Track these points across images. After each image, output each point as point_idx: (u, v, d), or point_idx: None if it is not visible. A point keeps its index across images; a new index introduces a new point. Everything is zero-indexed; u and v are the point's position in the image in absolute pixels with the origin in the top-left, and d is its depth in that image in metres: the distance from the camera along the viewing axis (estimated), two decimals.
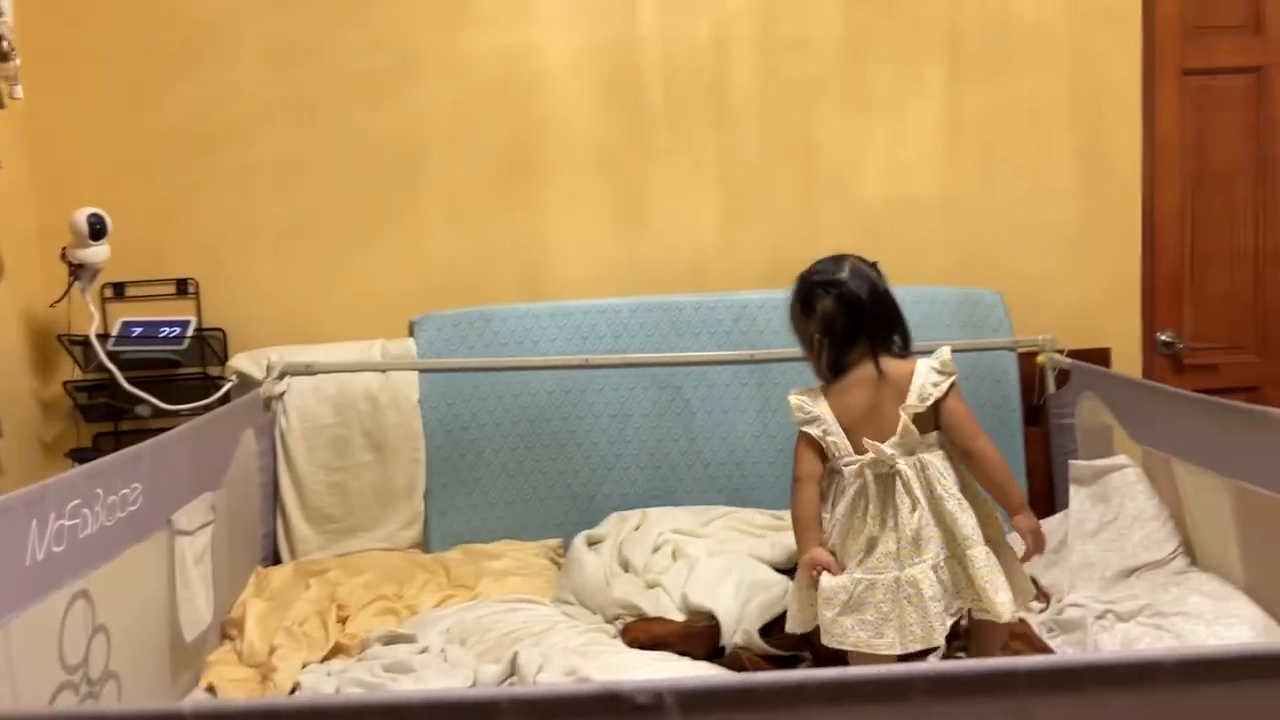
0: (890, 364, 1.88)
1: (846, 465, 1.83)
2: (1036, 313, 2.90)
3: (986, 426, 2.72)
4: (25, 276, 2.67)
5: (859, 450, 1.82)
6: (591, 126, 2.94)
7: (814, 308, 1.88)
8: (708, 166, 2.96)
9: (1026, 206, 2.99)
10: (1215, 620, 1.89)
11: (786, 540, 2.35)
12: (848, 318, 1.86)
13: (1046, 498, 2.79)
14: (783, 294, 2.77)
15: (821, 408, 1.87)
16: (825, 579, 1.78)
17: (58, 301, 2.62)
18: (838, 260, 1.92)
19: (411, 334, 2.80)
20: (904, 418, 1.81)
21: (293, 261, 2.90)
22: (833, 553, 1.82)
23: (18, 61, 2.28)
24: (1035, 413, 2.85)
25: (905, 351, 1.92)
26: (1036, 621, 2.11)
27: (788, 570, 2.28)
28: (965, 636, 2.04)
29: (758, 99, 2.95)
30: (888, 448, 1.80)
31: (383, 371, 2.74)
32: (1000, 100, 2.96)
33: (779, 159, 2.96)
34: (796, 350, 2.73)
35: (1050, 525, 2.50)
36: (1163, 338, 3.04)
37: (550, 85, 2.92)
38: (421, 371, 2.75)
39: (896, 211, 2.97)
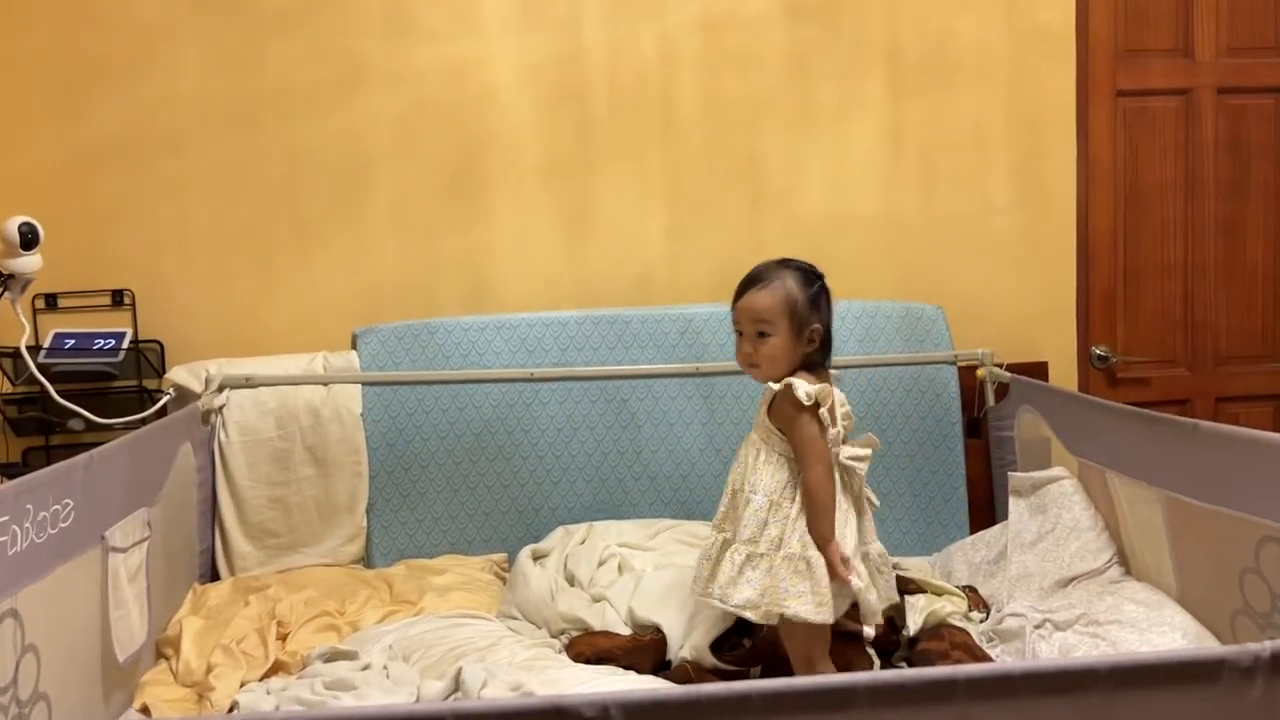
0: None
1: (848, 457, 1.90)
2: (976, 327, 2.96)
3: (927, 439, 2.82)
4: None
5: None
6: (537, 139, 2.94)
7: (820, 302, 1.92)
8: (654, 180, 2.98)
9: (966, 222, 3.05)
10: (1149, 628, 1.94)
11: None
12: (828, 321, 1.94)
13: (986, 508, 2.84)
14: (727, 308, 2.82)
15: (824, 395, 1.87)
16: (855, 580, 1.83)
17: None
18: (810, 265, 1.99)
19: (354, 346, 2.77)
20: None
21: (232, 272, 2.85)
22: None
23: None
24: (975, 425, 2.90)
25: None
26: (976, 631, 2.14)
27: None
28: (906, 648, 2.07)
29: (703, 114, 2.98)
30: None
31: (325, 384, 2.70)
32: (940, 117, 3.02)
33: (724, 173, 2.99)
34: None
35: (989, 536, 2.55)
36: (1097, 352, 3.12)
37: (496, 97, 2.92)
38: (364, 384, 2.72)
39: (839, 226, 3.01)
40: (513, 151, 2.93)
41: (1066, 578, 2.26)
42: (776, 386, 1.87)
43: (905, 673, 0.78)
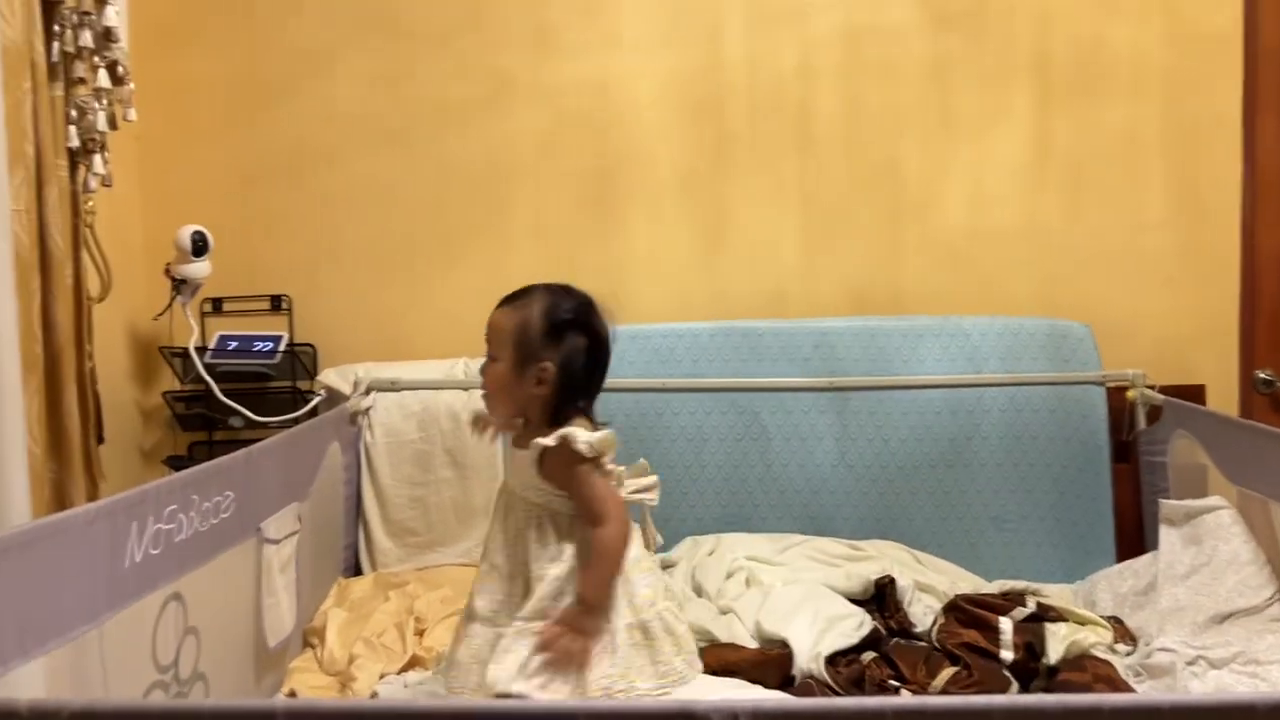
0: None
1: (634, 491, 1.71)
2: (1125, 347, 2.83)
3: (1072, 462, 2.71)
4: (131, 290, 2.79)
5: None
6: (674, 152, 2.97)
7: (565, 338, 1.64)
8: (790, 192, 2.96)
9: (1116, 237, 2.92)
10: None
11: (863, 570, 2.33)
12: (588, 365, 1.65)
13: (1135, 536, 2.71)
14: (865, 321, 2.79)
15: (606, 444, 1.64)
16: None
17: (160, 315, 2.74)
18: (585, 297, 1.72)
19: None
20: None
21: (381, 280, 2.98)
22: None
23: (131, 86, 2.40)
24: (1124, 449, 2.77)
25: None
26: (1122, 665, 2.04)
27: (863, 601, 2.26)
28: (1045, 677, 2.00)
29: (841, 125, 2.95)
30: None
31: (465, 389, 2.79)
32: (1090, 127, 2.91)
33: (862, 185, 2.96)
34: (878, 379, 2.74)
35: (1138, 566, 2.43)
36: (1262, 376, 2.93)
37: (634, 112, 2.96)
38: None
39: (981, 239, 2.93)
40: (649, 164, 2.97)
41: (1223, 613, 2.13)
42: (548, 442, 1.59)
43: (1046, 697, 0.76)
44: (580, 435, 1.58)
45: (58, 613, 1.39)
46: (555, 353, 1.61)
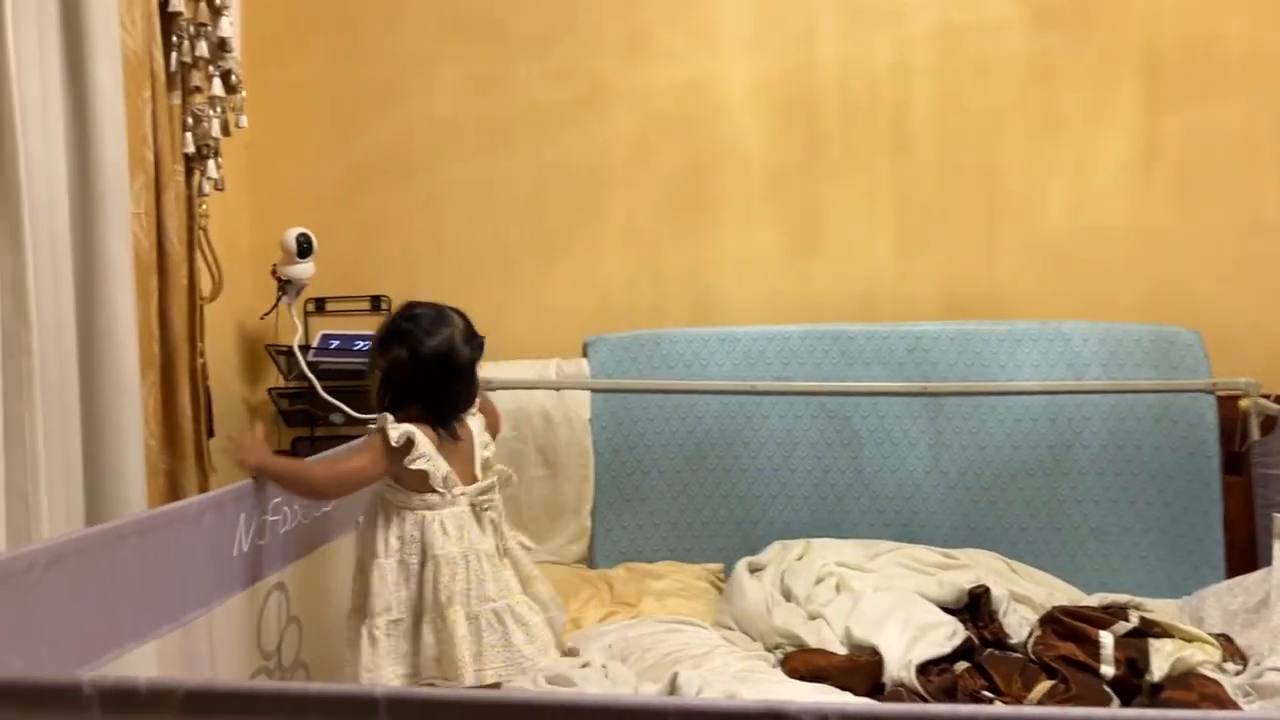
0: None
1: (475, 493, 1.80)
2: (1237, 354, 2.71)
3: (1179, 473, 2.61)
4: (240, 290, 2.90)
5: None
6: (766, 154, 2.96)
7: (389, 346, 1.76)
8: (884, 194, 2.93)
9: (1229, 240, 2.80)
10: None
11: (956, 579, 2.29)
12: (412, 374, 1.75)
13: (1246, 551, 2.59)
14: (961, 325, 2.74)
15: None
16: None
17: (267, 314, 2.84)
18: (440, 314, 1.80)
19: (585, 354, 2.88)
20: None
21: (477, 281, 3.04)
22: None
23: (243, 94, 2.50)
24: (1235, 461, 2.65)
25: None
26: (1231, 684, 1.96)
27: (956, 611, 2.22)
28: (1148, 694, 1.93)
29: (937, 125, 2.90)
30: None
31: (557, 390, 2.83)
32: (1202, 126, 2.80)
33: (958, 187, 2.90)
34: (973, 384, 2.68)
35: (1249, 582, 2.33)
36: None
37: (727, 114, 2.96)
38: (593, 391, 2.82)
39: (1083, 242, 2.85)
40: (741, 166, 2.96)
41: None
42: (371, 426, 1.74)
43: (1146, 712, 0.74)
44: (394, 427, 1.71)
45: (170, 598, 1.45)
46: (383, 360, 1.77)
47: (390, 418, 1.71)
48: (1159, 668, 1.95)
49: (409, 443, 1.69)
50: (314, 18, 3.05)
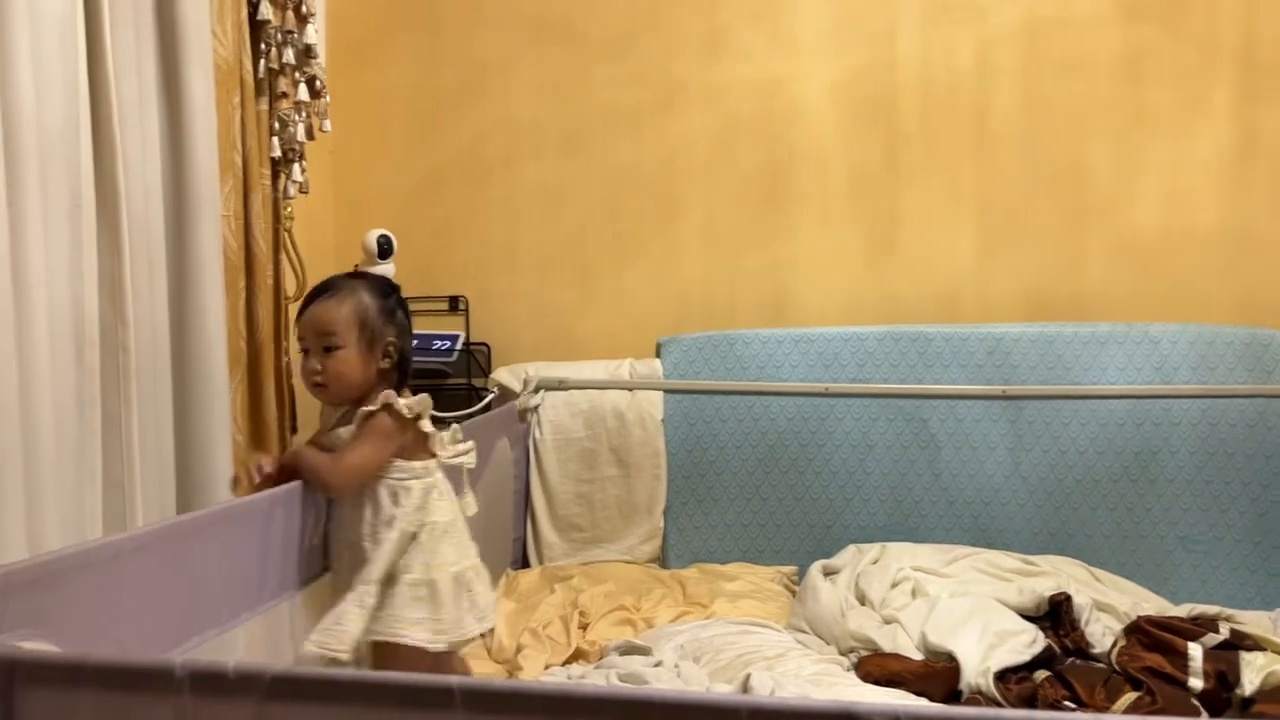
0: None
1: (451, 457, 1.74)
2: None
3: (1273, 480, 2.52)
4: None
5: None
6: (845, 153, 2.93)
7: (396, 315, 1.70)
8: (965, 193, 2.88)
9: None
10: None
11: (1037, 586, 2.24)
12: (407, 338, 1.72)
13: None
14: (1044, 327, 2.68)
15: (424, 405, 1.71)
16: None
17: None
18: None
19: (658, 355, 2.89)
20: None
21: (553, 283, 3.07)
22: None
23: (327, 99, 2.56)
24: None
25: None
26: None
27: (1036, 618, 2.17)
28: (1239, 709, 1.87)
29: (1021, 123, 2.84)
30: None
31: (630, 390, 2.84)
32: None
33: (1043, 185, 2.84)
34: (1056, 387, 2.62)
35: None
36: None
37: (805, 114, 2.94)
38: (666, 391, 2.83)
39: (1174, 242, 2.76)
40: (819, 166, 2.94)
41: None
42: (372, 407, 1.63)
43: None
44: (399, 399, 1.64)
45: (251, 586, 1.50)
46: (394, 329, 1.69)
47: (392, 393, 1.65)
48: (1250, 682, 1.88)
49: (418, 409, 1.66)
50: (396, 23, 3.12)
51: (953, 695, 1.96)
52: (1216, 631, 2.04)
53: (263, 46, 2.33)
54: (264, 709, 0.78)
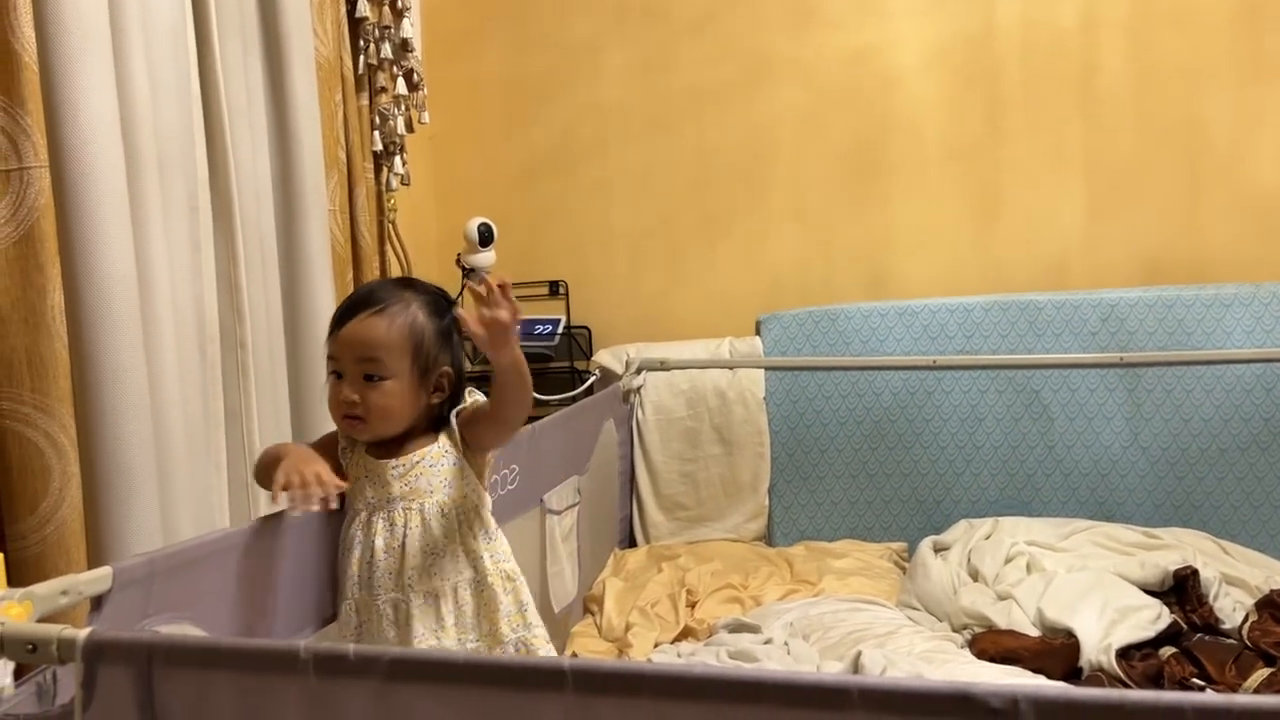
0: None
1: None
2: None
3: None
4: (428, 278, 3.03)
5: None
6: (942, 120, 2.85)
7: (453, 337, 1.44)
8: (1071, 157, 2.77)
9: None
10: None
11: (1160, 560, 2.17)
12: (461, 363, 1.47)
13: None
14: (1161, 291, 2.57)
15: None
16: None
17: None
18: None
19: (758, 332, 2.87)
20: None
21: (648, 264, 3.08)
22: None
23: (425, 91, 2.61)
24: None
25: None
26: None
27: (1160, 594, 2.10)
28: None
29: (1130, 80, 2.72)
30: None
31: (730, 368, 2.83)
32: None
33: (1155, 145, 2.71)
34: (1176, 353, 2.52)
35: None
36: None
37: (900, 81, 2.87)
38: (767, 369, 2.81)
39: None
40: (915, 135, 2.87)
41: None
42: (464, 403, 1.45)
43: None
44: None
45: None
46: (449, 355, 1.43)
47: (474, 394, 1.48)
48: None
49: None
50: (487, 14, 3.15)
51: (1072, 673, 1.91)
52: None
53: (361, 43, 2.39)
54: (384, 689, 0.81)
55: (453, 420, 1.44)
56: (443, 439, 1.43)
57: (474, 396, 1.48)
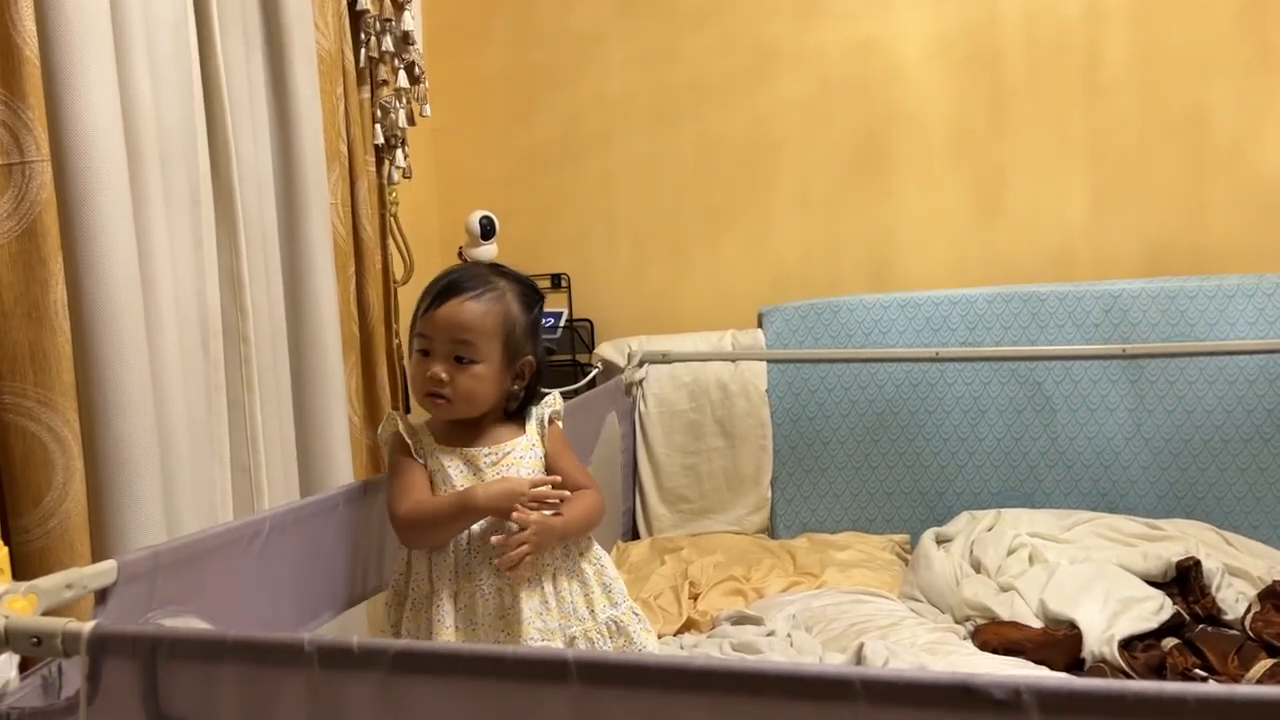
0: None
1: None
2: None
3: None
4: (430, 272, 3.00)
5: None
6: (946, 111, 2.85)
7: (539, 331, 1.49)
8: (1076, 146, 2.77)
9: None
10: None
11: (1163, 551, 2.16)
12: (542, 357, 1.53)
13: None
14: (1164, 282, 2.57)
15: None
16: None
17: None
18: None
19: (760, 325, 2.87)
20: None
21: (650, 256, 3.08)
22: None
23: (426, 84, 2.60)
24: None
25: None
26: None
27: (1163, 585, 2.10)
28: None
29: (1135, 70, 2.71)
30: None
31: (733, 361, 2.83)
32: None
33: (1160, 134, 2.71)
34: (1180, 345, 2.52)
35: None
36: None
37: (903, 72, 2.87)
38: (769, 361, 2.81)
39: None
40: (919, 126, 2.87)
41: None
42: (554, 405, 1.51)
43: None
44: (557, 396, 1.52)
45: (376, 564, 1.55)
46: (534, 346, 1.48)
47: (559, 396, 1.56)
48: None
49: None
50: (488, 6, 3.15)
51: (1075, 664, 1.91)
52: None
53: (362, 36, 2.38)
54: (388, 680, 0.82)
55: (542, 420, 1.51)
56: (531, 432, 1.49)
57: (557, 402, 1.54)
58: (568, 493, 1.39)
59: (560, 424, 1.54)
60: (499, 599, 1.38)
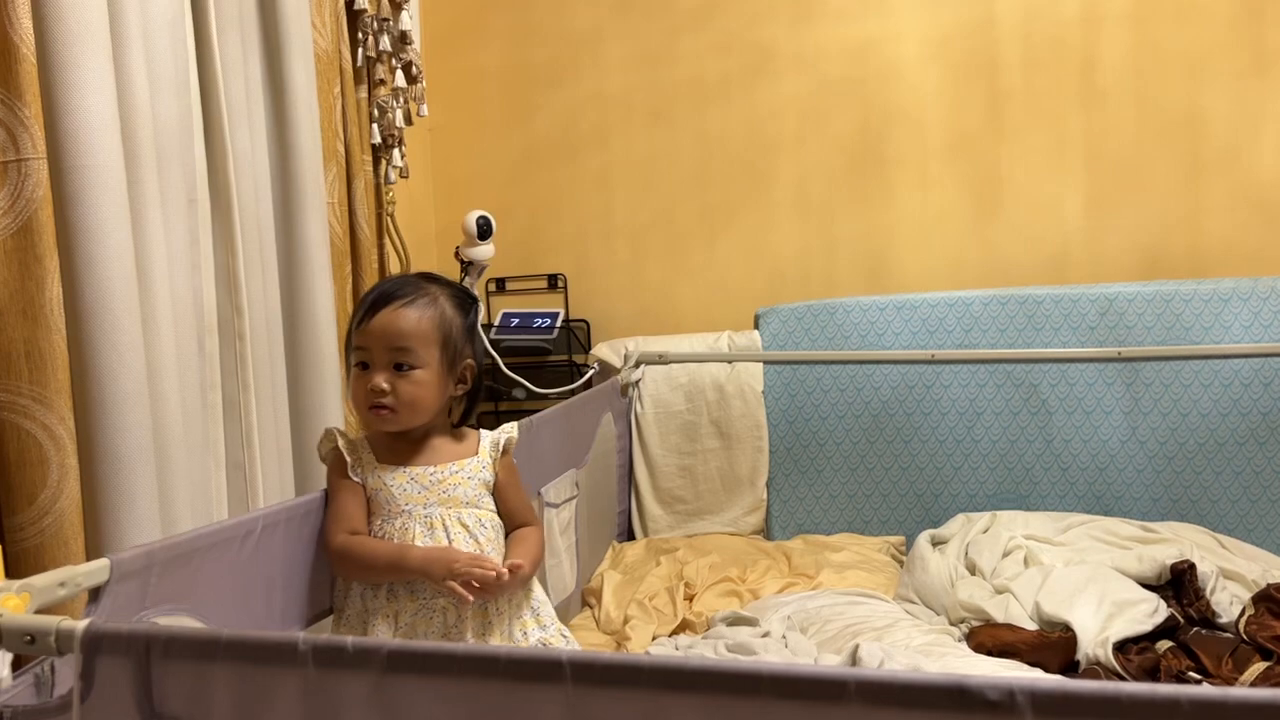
0: None
1: None
2: None
3: None
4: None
5: None
6: (943, 113, 2.85)
7: (476, 333, 1.49)
8: (1072, 149, 2.77)
9: None
10: None
11: (1157, 553, 2.17)
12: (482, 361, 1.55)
13: None
14: (1160, 285, 2.57)
15: None
16: None
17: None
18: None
19: (756, 326, 2.87)
20: None
21: (647, 257, 3.08)
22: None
23: (423, 84, 2.60)
24: None
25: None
26: None
27: (1158, 588, 2.10)
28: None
29: (1131, 73, 2.72)
30: None
31: (729, 362, 2.83)
32: None
33: (1155, 137, 2.71)
34: (1175, 348, 2.52)
35: None
36: None
37: (901, 74, 2.87)
38: (766, 363, 2.81)
39: None
40: (917, 127, 2.87)
41: None
42: (510, 431, 1.52)
43: None
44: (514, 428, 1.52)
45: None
46: (473, 349, 1.48)
47: (515, 427, 1.57)
48: None
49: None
50: (485, 5, 3.15)
51: (1069, 666, 1.91)
52: None
53: (360, 35, 2.38)
54: (381, 680, 0.82)
55: (498, 445, 1.51)
56: (484, 455, 1.49)
57: (514, 430, 1.55)
58: (505, 572, 1.33)
59: (512, 456, 1.53)
60: (443, 617, 1.37)
